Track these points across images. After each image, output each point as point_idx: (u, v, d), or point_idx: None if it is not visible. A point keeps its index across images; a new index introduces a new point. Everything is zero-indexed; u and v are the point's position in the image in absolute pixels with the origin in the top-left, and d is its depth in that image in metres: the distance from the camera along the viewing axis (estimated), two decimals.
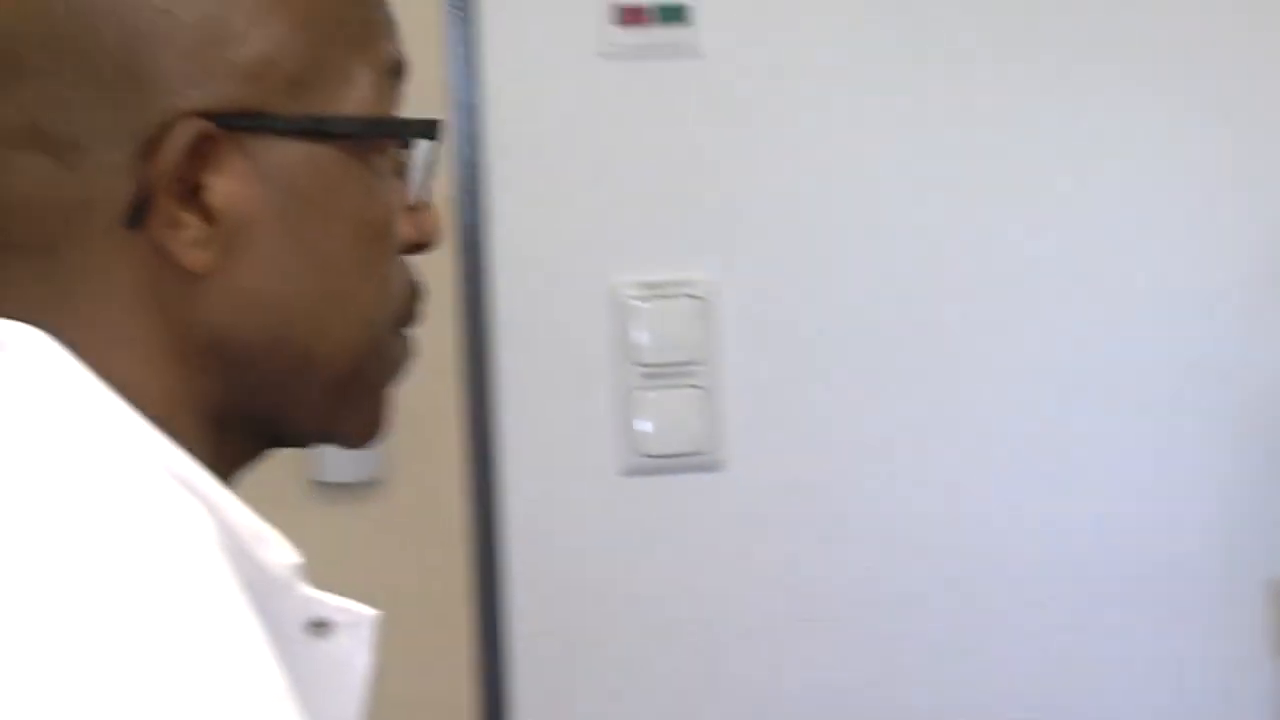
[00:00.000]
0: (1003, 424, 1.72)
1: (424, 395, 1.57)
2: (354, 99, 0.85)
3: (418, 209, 0.89)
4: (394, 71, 0.87)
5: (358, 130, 0.84)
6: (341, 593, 0.88)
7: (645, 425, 1.74)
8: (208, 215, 0.81)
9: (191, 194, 0.81)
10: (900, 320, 1.73)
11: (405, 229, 0.88)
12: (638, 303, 1.75)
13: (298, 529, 0.89)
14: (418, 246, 0.90)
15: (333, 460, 1.63)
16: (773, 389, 1.81)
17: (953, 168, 1.70)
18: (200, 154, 0.81)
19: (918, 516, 1.72)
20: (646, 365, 1.74)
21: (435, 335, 1.60)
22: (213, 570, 0.75)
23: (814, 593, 1.75)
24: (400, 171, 0.88)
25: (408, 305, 0.90)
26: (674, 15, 1.70)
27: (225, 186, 0.81)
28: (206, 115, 0.80)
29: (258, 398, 0.86)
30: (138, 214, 0.81)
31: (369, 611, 0.85)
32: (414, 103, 0.94)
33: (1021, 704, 1.71)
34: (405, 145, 0.88)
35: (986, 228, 1.72)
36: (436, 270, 1.27)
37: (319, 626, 0.85)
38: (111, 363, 0.82)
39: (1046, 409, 1.72)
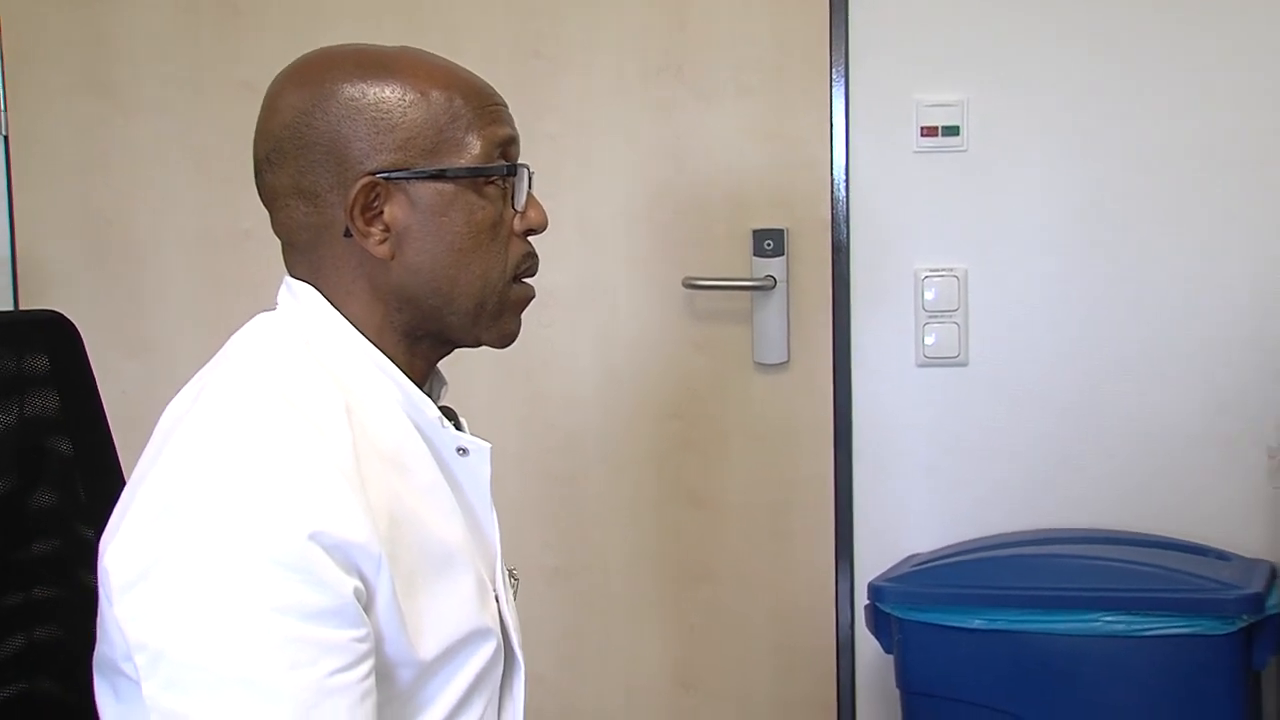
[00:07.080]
0: None
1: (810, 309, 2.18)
2: (467, 156, 0.98)
3: (524, 210, 1.04)
4: (505, 142, 1.02)
5: (464, 174, 0.99)
6: None
7: (930, 340, 2.26)
8: (386, 227, 0.98)
9: (377, 216, 0.98)
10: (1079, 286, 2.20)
11: (518, 222, 1.04)
12: (928, 277, 2.23)
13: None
14: (531, 231, 1.05)
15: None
16: (991, 323, 2.25)
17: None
18: (377, 195, 0.97)
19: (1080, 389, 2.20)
20: (929, 311, 2.26)
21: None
22: (335, 408, 0.92)
23: (997, 426, 2.26)
24: (506, 193, 1.02)
25: (522, 265, 1.04)
26: (952, 131, 2.22)
27: (392, 211, 0.98)
28: (378, 173, 0.97)
29: (428, 322, 1.00)
30: (349, 230, 0.98)
31: (486, 443, 1.02)
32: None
33: None
34: (508, 176, 1.01)
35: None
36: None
37: (461, 451, 1.02)
38: (346, 306, 0.99)
39: None
